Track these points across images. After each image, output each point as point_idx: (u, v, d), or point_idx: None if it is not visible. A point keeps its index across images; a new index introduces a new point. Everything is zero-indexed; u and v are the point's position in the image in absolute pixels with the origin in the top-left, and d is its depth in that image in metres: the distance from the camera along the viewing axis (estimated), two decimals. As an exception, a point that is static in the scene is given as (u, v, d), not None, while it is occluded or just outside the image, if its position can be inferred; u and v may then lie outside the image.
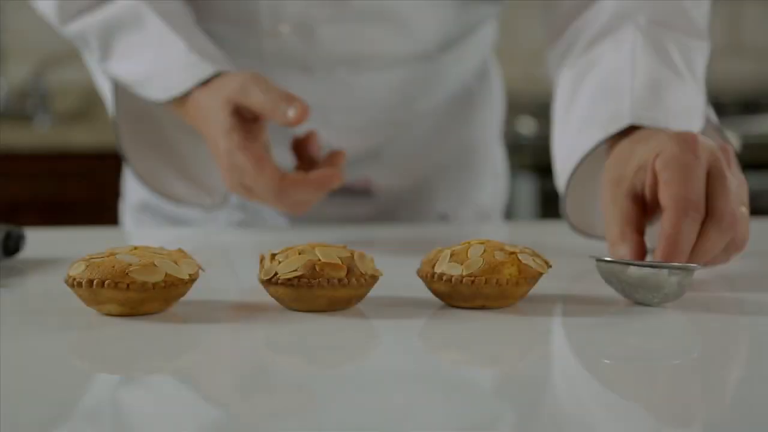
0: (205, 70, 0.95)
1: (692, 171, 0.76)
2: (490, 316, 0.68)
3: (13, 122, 2.55)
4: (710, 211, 0.76)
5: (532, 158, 2.18)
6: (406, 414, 0.51)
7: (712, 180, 0.77)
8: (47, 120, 2.58)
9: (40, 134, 2.37)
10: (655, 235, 0.78)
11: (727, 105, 2.44)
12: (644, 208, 0.80)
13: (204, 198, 1.07)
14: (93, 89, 2.72)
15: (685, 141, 0.78)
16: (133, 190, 1.22)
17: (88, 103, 2.68)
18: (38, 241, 0.94)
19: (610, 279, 0.72)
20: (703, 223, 0.76)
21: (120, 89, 1.04)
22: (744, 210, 0.79)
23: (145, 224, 1.19)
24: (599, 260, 0.72)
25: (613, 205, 0.80)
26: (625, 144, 0.85)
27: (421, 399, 0.53)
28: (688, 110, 0.91)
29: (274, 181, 0.90)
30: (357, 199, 1.14)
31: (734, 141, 2.13)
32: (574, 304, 0.73)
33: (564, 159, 0.95)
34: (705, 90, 0.96)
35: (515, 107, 2.00)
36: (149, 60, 0.99)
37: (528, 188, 2.18)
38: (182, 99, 0.97)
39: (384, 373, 0.58)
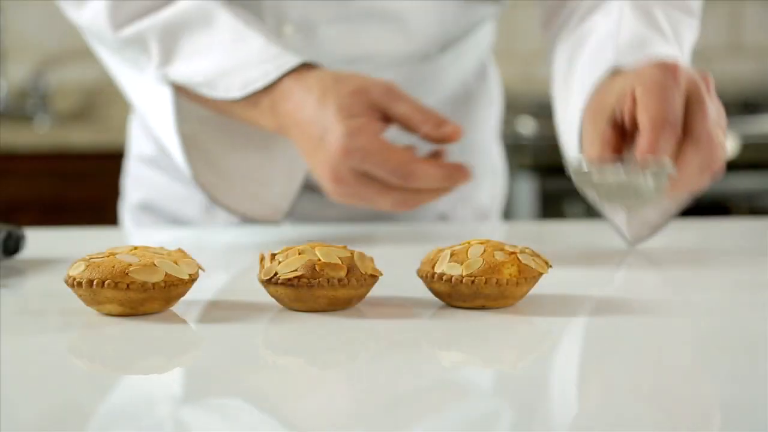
0: (291, 61, 0.91)
1: (670, 93, 0.77)
2: (490, 316, 0.68)
3: (13, 122, 2.55)
4: (687, 132, 0.77)
5: (531, 158, 2.18)
6: (407, 414, 0.51)
7: (691, 103, 0.78)
8: (47, 120, 2.58)
9: (40, 134, 2.37)
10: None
11: (727, 105, 2.42)
12: (624, 137, 0.81)
13: (266, 213, 1.03)
14: (93, 89, 2.71)
15: (665, 67, 0.78)
16: (132, 190, 1.22)
17: (88, 103, 2.68)
18: (38, 241, 0.94)
19: (585, 187, 0.72)
20: (680, 144, 0.76)
21: (180, 102, 0.99)
22: (721, 135, 0.79)
23: (145, 224, 1.19)
24: (574, 169, 0.72)
25: (592, 130, 0.81)
26: (606, 80, 0.85)
27: (421, 399, 0.53)
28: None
29: (404, 159, 0.85)
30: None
31: (731, 143, 2.13)
32: (574, 304, 0.73)
33: (568, 132, 0.95)
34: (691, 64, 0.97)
35: (514, 107, 2.00)
36: (222, 57, 0.94)
37: (527, 188, 2.18)
38: (259, 96, 0.92)
39: (384, 373, 0.58)
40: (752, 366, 0.59)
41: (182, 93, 0.99)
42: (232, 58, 0.94)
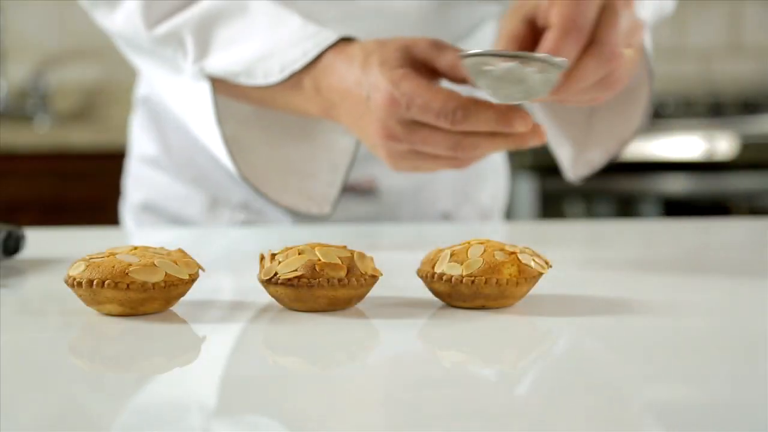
0: (330, 36, 0.89)
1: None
2: (490, 316, 0.68)
3: (14, 122, 2.55)
4: (593, 40, 0.77)
5: (532, 158, 2.19)
6: (407, 414, 0.51)
7: (604, 13, 0.78)
8: (47, 120, 2.58)
9: (40, 134, 2.37)
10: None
11: (727, 105, 2.44)
12: (537, 36, 0.81)
13: (310, 206, 1.01)
14: (93, 89, 2.71)
15: None
16: (134, 190, 1.22)
17: (88, 103, 2.68)
18: (38, 241, 0.94)
19: (477, 76, 0.72)
20: (583, 51, 0.77)
21: (220, 99, 0.97)
22: (629, 52, 0.80)
23: (146, 224, 1.19)
24: (465, 55, 0.73)
25: (505, 25, 0.81)
26: None
27: (421, 399, 0.53)
28: None
29: (453, 98, 0.80)
30: (361, 198, 1.15)
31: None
32: (574, 304, 0.73)
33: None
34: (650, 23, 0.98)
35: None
36: (259, 42, 0.92)
37: (528, 188, 2.18)
38: (300, 78, 0.90)
39: (384, 372, 0.58)
40: (752, 366, 0.59)
41: (221, 91, 0.97)
42: (269, 41, 0.91)
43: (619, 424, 0.50)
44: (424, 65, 0.85)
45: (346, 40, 0.89)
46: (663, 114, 2.42)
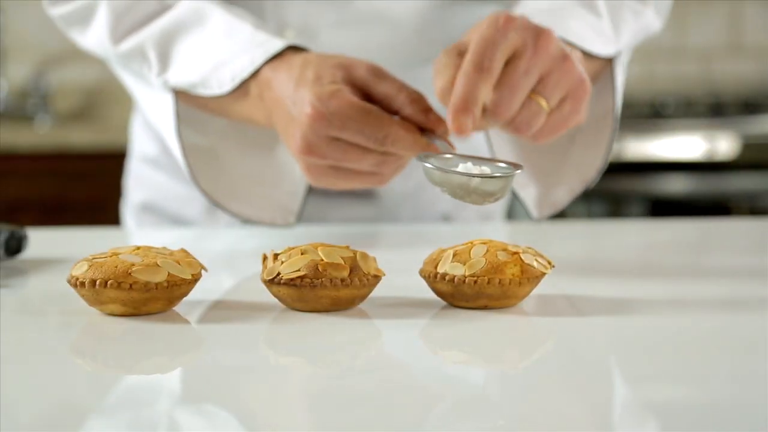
0: (277, 44, 0.89)
1: (490, 42, 0.79)
2: (493, 317, 0.68)
3: (14, 122, 2.55)
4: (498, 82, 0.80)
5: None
6: (409, 414, 0.51)
7: (513, 57, 0.80)
8: (48, 120, 2.58)
9: (41, 134, 2.38)
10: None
11: (727, 105, 2.44)
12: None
13: (275, 217, 1.00)
14: (94, 89, 2.71)
15: (496, 18, 0.80)
16: (134, 190, 1.22)
17: (89, 103, 2.68)
18: (40, 241, 0.94)
19: (434, 179, 0.75)
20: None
21: (185, 110, 0.97)
22: (540, 103, 0.82)
23: (147, 224, 1.19)
24: (422, 159, 0.76)
25: (442, 60, 0.82)
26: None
27: (424, 399, 0.53)
28: (581, 32, 0.92)
29: (384, 123, 0.81)
30: (360, 201, 1.14)
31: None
32: (576, 304, 0.73)
33: None
34: (624, 43, 0.98)
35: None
36: (214, 53, 0.92)
37: (529, 188, 2.18)
38: (248, 86, 0.89)
39: (387, 373, 0.58)
40: (753, 366, 0.59)
41: (189, 102, 0.98)
42: (223, 51, 0.92)
43: (622, 423, 0.50)
44: (360, 89, 0.85)
45: (294, 49, 0.89)
46: (663, 114, 2.42)
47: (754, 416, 0.50)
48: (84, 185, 2.34)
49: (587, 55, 0.91)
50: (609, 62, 0.97)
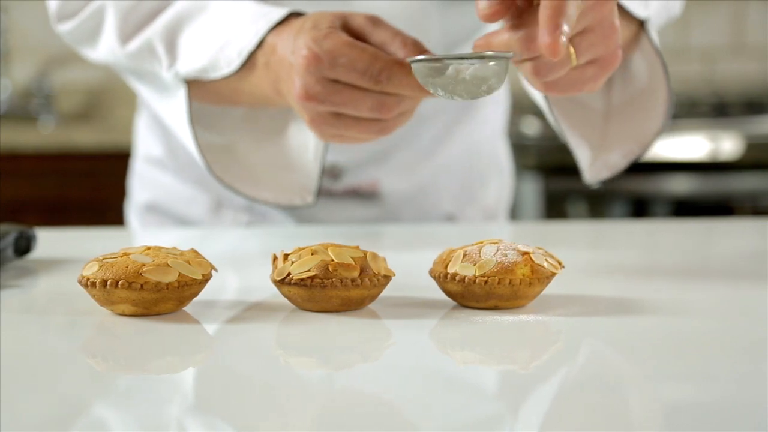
0: (278, 12, 0.88)
1: None
2: (503, 317, 0.69)
3: (18, 122, 2.56)
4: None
5: (536, 158, 2.19)
6: (419, 413, 0.51)
7: None
8: (51, 120, 2.58)
9: (45, 134, 2.38)
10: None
11: (730, 105, 2.44)
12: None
13: (293, 198, 1.00)
14: (97, 89, 2.71)
15: None
16: (139, 191, 1.22)
17: (92, 104, 2.68)
18: (48, 241, 0.94)
19: (426, 80, 0.73)
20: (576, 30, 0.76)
21: (196, 108, 0.97)
22: (571, 53, 0.77)
23: (151, 224, 1.19)
24: (413, 60, 0.74)
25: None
26: None
27: (434, 398, 0.53)
28: None
29: (377, 57, 0.79)
30: (364, 202, 1.15)
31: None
32: (586, 304, 0.74)
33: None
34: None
35: (520, 107, 2.00)
36: (219, 35, 0.92)
37: (532, 188, 2.18)
38: (255, 58, 0.88)
39: (397, 372, 0.58)
40: (757, 366, 0.59)
41: (203, 97, 0.97)
42: (227, 31, 0.91)
43: (630, 423, 0.50)
44: (357, 36, 0.83)
45: (296, 15, 0.89)
46: (667, 114, 2.42)
47: (758, 416, 0.50)
48: (87, 185, 2.34)
49: (622, 17, 0.87)
50: (637, 33, 0.94)
